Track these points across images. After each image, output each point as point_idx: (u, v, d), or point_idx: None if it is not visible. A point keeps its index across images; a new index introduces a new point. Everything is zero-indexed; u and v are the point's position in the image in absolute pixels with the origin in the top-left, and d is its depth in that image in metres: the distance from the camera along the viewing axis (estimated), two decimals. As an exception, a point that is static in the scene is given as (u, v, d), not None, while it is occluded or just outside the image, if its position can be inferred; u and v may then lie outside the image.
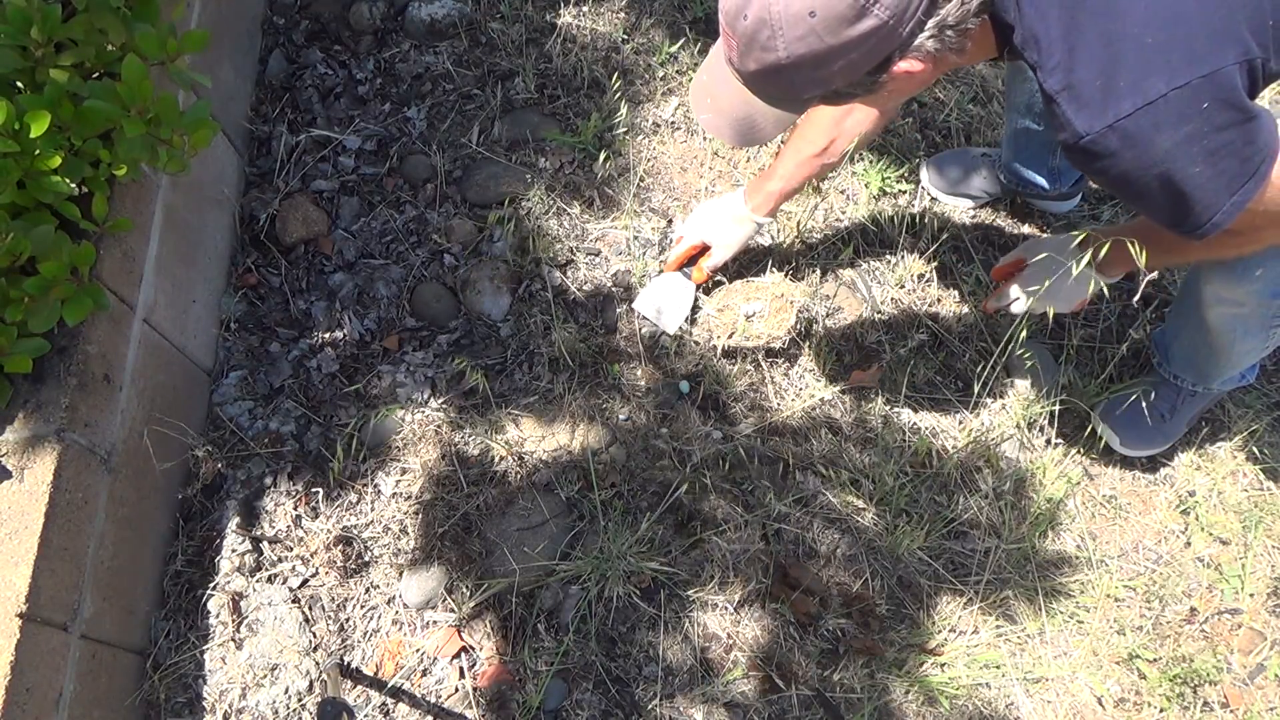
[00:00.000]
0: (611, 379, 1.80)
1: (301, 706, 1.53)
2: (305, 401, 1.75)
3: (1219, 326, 1.53)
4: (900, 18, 0.98)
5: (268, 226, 1.87)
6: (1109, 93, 1.01)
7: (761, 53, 1.02)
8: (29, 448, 1.32)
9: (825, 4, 0.96)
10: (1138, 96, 1.00)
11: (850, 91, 1.08)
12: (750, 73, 1.07)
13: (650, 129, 2.05)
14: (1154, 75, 0.99)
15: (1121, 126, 1.01)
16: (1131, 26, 0.99)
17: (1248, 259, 1.33)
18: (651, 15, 2.16)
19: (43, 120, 1.22)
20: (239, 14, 2.00)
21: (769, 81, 1.07)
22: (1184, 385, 1.74)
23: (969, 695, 1.59)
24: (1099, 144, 1.04)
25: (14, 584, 1.24)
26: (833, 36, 0.98)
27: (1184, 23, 0.99)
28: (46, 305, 1.30)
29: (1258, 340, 1.52)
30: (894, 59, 1.03)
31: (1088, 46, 1.02)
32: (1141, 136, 1.01)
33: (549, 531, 1.64)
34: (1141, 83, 0.99)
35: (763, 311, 1.86)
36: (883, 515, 1.71)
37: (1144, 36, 0.99)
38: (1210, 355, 1.62)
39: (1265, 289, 1.38)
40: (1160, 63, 0.99)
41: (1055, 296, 1.56)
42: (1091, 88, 1.02)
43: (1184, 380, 1.73)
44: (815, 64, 1.01)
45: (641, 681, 1.57)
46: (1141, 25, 0.99)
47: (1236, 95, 1.00)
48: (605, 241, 1.94)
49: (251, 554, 1.62)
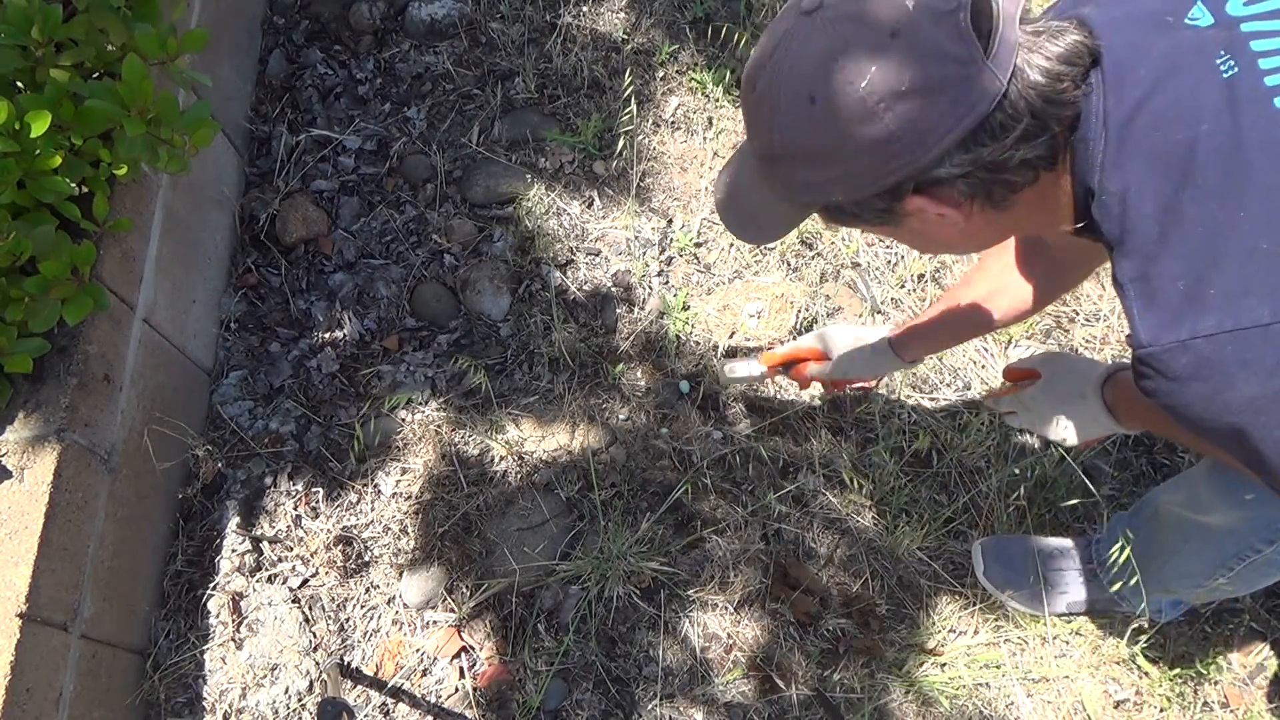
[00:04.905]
0: (611, 379, 1.80)
1: (301, 706, 1.53)
2: (305, 401, 1.75)
3: (1169, 523, 1.31)
4: (921, 139, 0.78)
5: (268, 226, 1.88)
6: (1193, 299, 0.77)
7: (761, 132, 0.87)
8: (29, 448, 1.32)
9: (829, 94, 0.79)
10: (1228, 316, 0.75)
11: (858, 214, 0.89)
12: (754, 152, 0.91)
13: (650, 129, 2.05)
14: (1258, 294, 0.75)
15: (1196, 347, 0.77)
16: (1249, 222, 0.75)
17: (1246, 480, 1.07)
18: (651, 15, 2.16)
19: (43, 120, 1.22)
20: (239, 14, 2.00)
21: (767, 167, 0.90)
22: (1101, 573, 1.52)
23: (969, 695, 1.59)
24: (1161, 361, 0.79)
25: (14, 584, 1.24)
26: (831, 135, 0.81)
27: None
28: (47, 305, 1.30)
29: (1200, 568, 1.28)
30: (906, 188, 0.83)
31: (1184, 234, 0.78)
32: (1219, 369, 0.77)
33: (549, 531, 1.64)
34: (1239, 299, 0.75)
35: (763, 311, 1.86)
36: (883, 515, 1.71)
37: (1260, 239, 0.75)
38: (1144, 547, 1.39)
39: (1241, 522, 1.16)
40: (1271, 280, 0.75)
41: (1061, 426, 1.28)
42: (1173, 287, 0.78)
43: (1106, 568, 1.50)
44: (808, 162, 0.84)
45: (641, 681, 1.57)
46: (1263, 221, 0.75)
47: None
48: (605, 241, 1.94)
49: (251, 554, 1.62)
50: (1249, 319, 0.75)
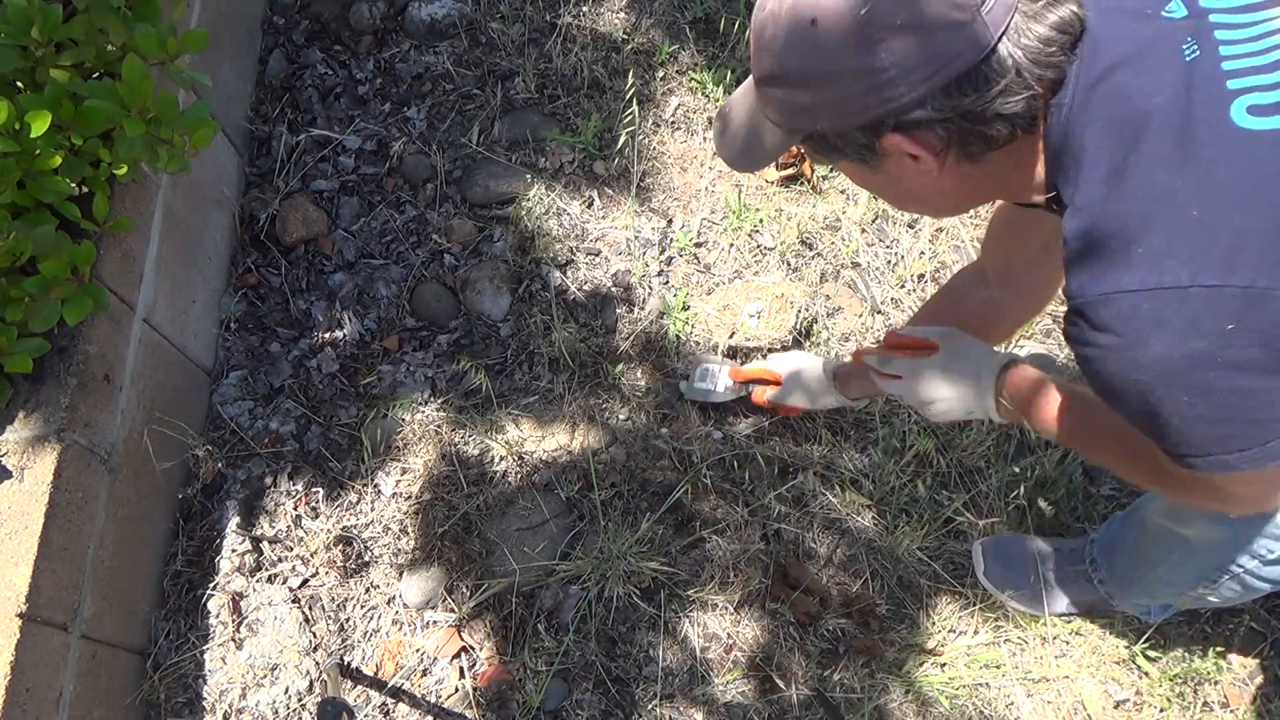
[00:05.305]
0: (611, 379, 1.80)
1: (301, 706, 1.53)
2: (305, 401, 1.75)
3: (1153, 533, 1.31)
4: (908, 75, 0.82)
5: (268, 226, 1.88)
6: (1122, 257, 0.81)
7: (762, 52, 0.91)
8: (29, 448, 1.32)
9: (830, 17, 0.82)
10: (1150, 275, 0.79)
11: (840, 147, 0.93)
12: (755, 75, 0.95)
13: (650, 129, 2.06)
14: (1179, 257, 0.78)
15: (1117, 301, 0.81)
16: (1185, 190, 0.78)
17: None
18: (651, 15, 2.16)
19: (43, 120, 1.22)
20: (239, 14, 2.00)
21: (765, 89, 0.94)
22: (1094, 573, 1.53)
23: (969, 695, 1.59)
24: (1085, 314, 0.84)
25: (14, 584, 1.24)
26: (826, 59, 0.85)
27: (1253, 211, 0.77)
28: (47, 305, 1.30)
29: (1182, 579, 1.30)
30: (887, 125, 0.86)
31: (1125, 195, 0.81)
32: (1135, 325, 0.80)
33: (549, 531, 1.64)
34: (1161, 260, 0.78)
35: (763, 311, 1.86)
36: (883, 515, 1.71)
37: (1193, 207, 0.78)
38: (1130, 554, 1.41)
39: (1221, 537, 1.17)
40: (1194, 245, 0.78)
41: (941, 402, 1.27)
42: (1107, 244, 0.82)
43: (1099, 568, 1.52)
44: (802, 84, 0.88)
45: (641, 681, 1.57)
46: (1197, 191, 0.78)
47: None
48: (605, 241, 1.94)
49: (251, 554, 1.62)
50: (1169, 280, 0.78)
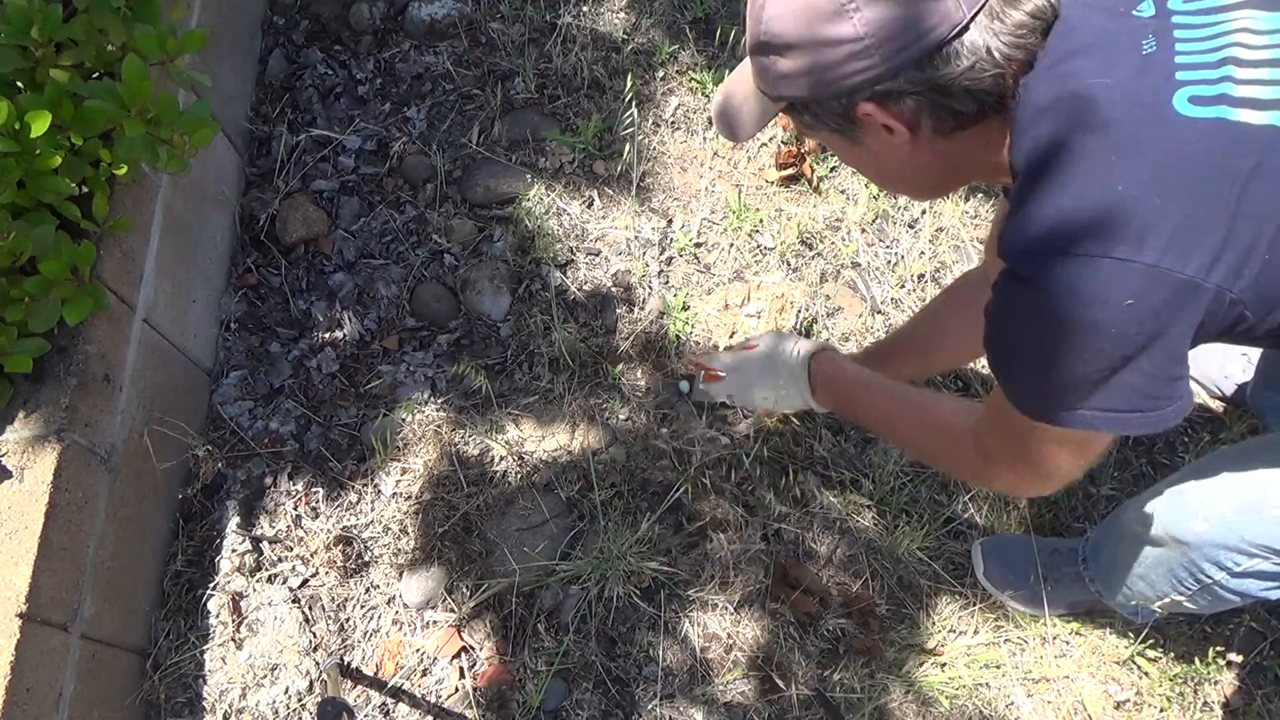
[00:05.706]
0: (611, 379, 1.80)
1: (301, 706, 1.53)
2: (305, 401, 1.75)
3: (1129, 539, 1.35)
4: (881, 44, 0.86)
5: (268, 226, 1.88)
6: (1045, 218, 0.86)
7: (751, 21, 0.95)
8: (29, 448, 1.32)
9: None
10: (1065, 241, 0.84)
11: (820, 115, 0.97)
12: (747, 44, 0.98)
13: (650, 129, 2.06)
14: (1095, 229, 0.83)
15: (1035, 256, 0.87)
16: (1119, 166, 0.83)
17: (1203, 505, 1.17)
18: (651, 15, 2.16)
19: (43, 120, 1.22)
20: (239, 14, 2.00)
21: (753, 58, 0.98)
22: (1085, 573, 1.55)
23: (969, 695, 1.59)
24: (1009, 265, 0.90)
25: (14, 584, 1.24)
26: (805, 26, 0.89)
27: (1173, 194, 0.82)
28: (46, 305, 1.30)
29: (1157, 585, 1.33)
30: (862, 94, 0.90)
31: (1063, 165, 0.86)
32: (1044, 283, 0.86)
33: (549, 531, 1.64)
34: (1079, 228, 0.84)
35: (763, 311, 1.86)
36: (883, 515, 1.71)
37: (1119, 181, 0.83)
38: (1112, 557, 1.44)
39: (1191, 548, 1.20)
40: (1106, 219, 0.83)
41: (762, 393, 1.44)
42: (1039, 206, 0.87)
43: (1089, 568, 1.54)
44: (784, 51, 0.92)
45: (641, 681, 1.57)
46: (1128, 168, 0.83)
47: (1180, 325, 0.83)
48: (605, 241, 1.94)
49: (251, 554, 1.62)
50: (1079, 249, 0.83)
